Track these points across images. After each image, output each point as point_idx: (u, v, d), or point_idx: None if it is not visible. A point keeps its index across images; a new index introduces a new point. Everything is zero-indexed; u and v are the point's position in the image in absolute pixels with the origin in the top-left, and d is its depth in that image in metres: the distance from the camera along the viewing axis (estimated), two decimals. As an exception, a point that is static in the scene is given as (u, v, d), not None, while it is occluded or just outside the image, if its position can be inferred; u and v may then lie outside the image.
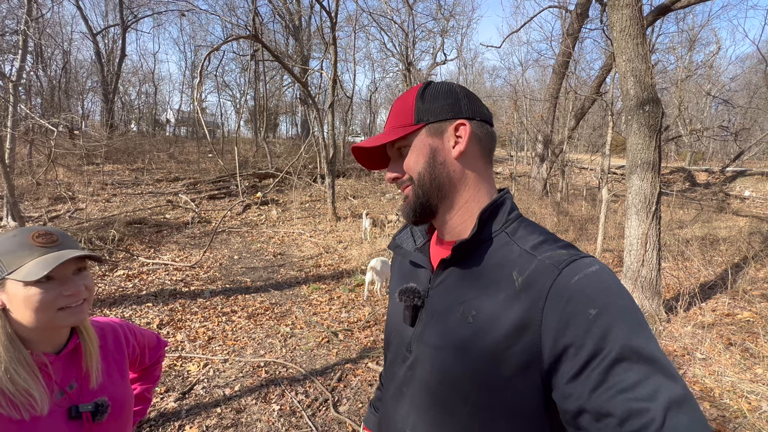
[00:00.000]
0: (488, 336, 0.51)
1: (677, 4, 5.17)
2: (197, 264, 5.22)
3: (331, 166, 8.36)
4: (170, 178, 10.83)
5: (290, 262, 5.65)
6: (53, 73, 16.39)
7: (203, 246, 5.96)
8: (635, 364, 0.42)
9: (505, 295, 0.52)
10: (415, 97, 0.61)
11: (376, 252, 5.92)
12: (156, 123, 22.64)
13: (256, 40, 6.48)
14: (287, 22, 17.28)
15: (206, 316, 3.70)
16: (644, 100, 3.33)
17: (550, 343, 0.47)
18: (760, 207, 11.39)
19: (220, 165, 11.23)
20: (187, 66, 22.36)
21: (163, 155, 13.65)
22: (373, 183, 13.33)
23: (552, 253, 0.51)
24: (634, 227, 3.48)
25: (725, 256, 5.96)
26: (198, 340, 3.22)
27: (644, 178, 3.39)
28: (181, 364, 2.85)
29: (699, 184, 14.48)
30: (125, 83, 20.54)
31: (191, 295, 4.20)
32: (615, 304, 0.46)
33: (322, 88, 16.31)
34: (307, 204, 9.80)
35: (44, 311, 0.66)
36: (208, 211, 8.48)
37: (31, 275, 0.63)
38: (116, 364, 0.82)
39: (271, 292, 4.45)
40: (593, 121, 15.41)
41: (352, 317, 3.85)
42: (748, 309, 3.95)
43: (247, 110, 18.45)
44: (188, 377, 2.69)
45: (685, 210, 10.23)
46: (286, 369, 2.85)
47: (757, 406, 2.42)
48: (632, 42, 3.34)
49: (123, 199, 8.72)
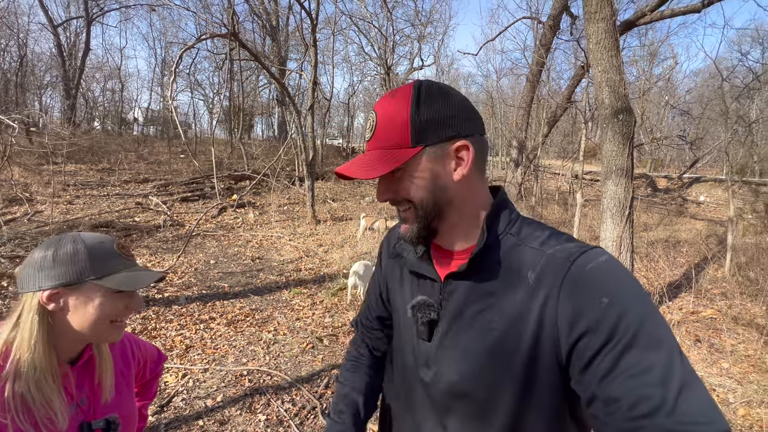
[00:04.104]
0: (513, 339, 0.51)
1: (641, 20, 5.49)
2: (171, 269, 4.99)
3: (310, 169, 8.25)
4: (139, 179, 10.33)
5: (270, 266, 5.51)
6: (7, 66, 15.31)
7: (177, 250, 5.71)
8: (647, 350, 0.43)
9: (521, 294, 0.52)
10: (410, 109, 0.53)
11: (358, 255, 5.88)
12: (123, 121, 21.57)
13: (235, 38, 6.32)
14: (264, 22, 16.99)
15: (183, 323, 3.54)
16: (618, 110, 3.50)
17: (565, 333, 0.47)
18: (713, 211, 12.23)
19: (195, 166, 10.83)
20: (157, 63, 21.40)
21: (131, 155, 13.01)
22: (352, 186, 13.27)
23: (561, 246, 0.52)
24: (609, 230, 3.63)
25: (687, 257, 6.35)
26: (175, 350, 3.06)
27: (618, 183, 3.55)
28: (158, 375, 2.70)
29: (660, 189, 15.37)
30: (89, 79, 19.44)
31: (165, 302, 4.01)
32: (625, 292, 0.46)
33: (300, 89, 16.12)
34: (286, 207, 9.62)
35: (104, 321, 0.66)
36: (181, 214, 8.15)
37: (125, 285, 0.66)
38: (124, 378, 0.77)
39: (251, 297, 4.32)
40: (563, 128, 16.08)
41: (336, 322, 3.79)
42: (711, 307, 4.22)
43: (222, 110, 17.92)
44: (166, 389, 2.55)
45: (649, 214, 10.82)
46: (270, 377, 2.76)
47: (725, 398, 2.57)
48: (607, 54, 3.50)
49: (87, 201, 8.22)
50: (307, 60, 9.16)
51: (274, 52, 16.56)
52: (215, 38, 8.35)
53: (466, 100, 0.57)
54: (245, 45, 7.07)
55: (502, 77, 16.90)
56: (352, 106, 22.70)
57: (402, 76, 16.91)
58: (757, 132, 13.38)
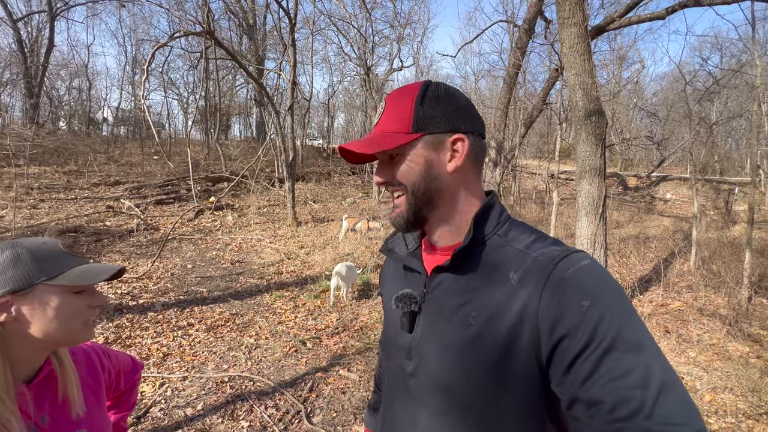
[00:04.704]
0: (490, 335, 0.52)
1: (610, 25, 5.72)
2: (145, 275, 4.82)
3: (290, 170, 8.14)
4: (110, 181, 9.90)
5: (250, 269, 5.40)
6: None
7: (152, 255, 5.52)
8: (626, 353, 0.43)
9: (502, 293, 0.53)
10: (414, 101, 0.57)
11: (340, 257, 5.85)
12: (91, 121, 20.61)
13: (210, 36, 6.16)
14: (240, 20, 16.64)
15: (159, 330, 3.42)
16: (591, 112, 3.63)
17: (546, 335, 0.48)
18: (679, 208, 12.87)
19: (169, 167, 10.48)
20: (127, 61, 20.51)
21: (100, 156, 12.47)
22: (333, 187, 13.19)
23: (545, 249, 0.53)
24: (584, 228, 3.76)
25: (656, 252, 6.66)
26: (152, 358, 2.96)
27: (592, 182, 3.68)
28: (133, 385, 2.60)
29: (630, 187, 16.04)
30: (53, 77, 18.48)
31: (140, 309, 3.86)
32: (606, 295, 0.47)
33: (279, 89, 15.87)
34: (266, 209, 9.46)
35: (72, 321, 0.63)
36: (155, 217, 7.87)
37: (81, 280, 0.63)
38: (92, 392, 0.73)
39: (231, 302, 4.22)
40: (539, 129, 16.53)
41: (319, 324, 3.76)
42: (678, 299, 4.44)
43: (197, 110, 17.42)
44: (142, 399, 2.46)
45: (620, 211, 11.27)
46: (252, 382, 2.71)
47: (693, 386, 2.71)
48: (580, 58, 3.63)
49: (53, 206, 7.81)
50: (286, 60, 9.02)
51: (252, 51, 16.25)
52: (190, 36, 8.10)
53: (470, 103, 0.61)
54: (221, 43, 6.89)
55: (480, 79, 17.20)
56: (332, 106, 22.55)
57: (382, 77, 16.95)
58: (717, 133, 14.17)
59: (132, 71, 20.05)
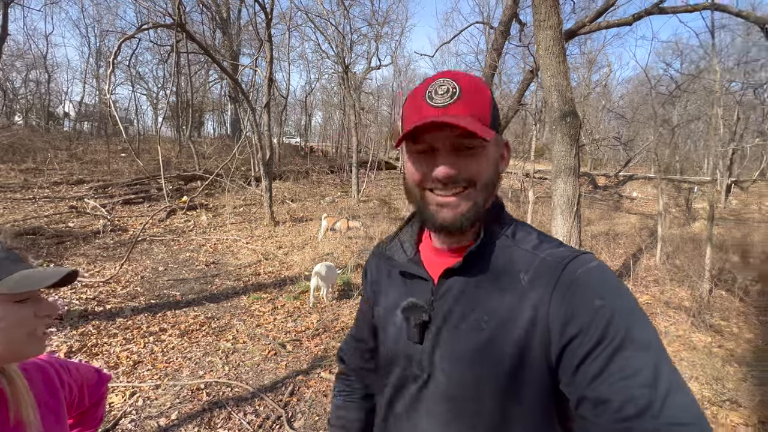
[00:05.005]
0: (503, 339, 0.52)
1: (581, 30, 5.93)
2: (113, 278, 4.57)
3: (267, 168, 7.96)
4: (72, 180, 9.35)
5: (226, 271, 5.24)
6: None
7: (120, 257, 5.25)
8: (636, 352, 0.43)
9: (513, 295, 0.53)
10: (491, 99, 0.55)
11: (319, 257, 5.77)
12: (50, 116, 19.39)
13: (182, 29, 5.91)
14: (213, 14, 16.12)
15: (129, 337, 3.25)
16: (566, 113, 3.73)
17: (557, 335, 0.48)
18: (644, 206, 13.54)
19: (138, 166, 10.01)
20: (90, 53, 19.35)
21: (62, 154, 11.76)
22: (312, 186, 13.01)
23: (553, 250, 0.54)
24: (560, 226, 3.86)
25: (625, 248, 6.95)
26: (121, 366, 2.80)
27: (567, 181, 3.78)
28: (101, 396, 2.45)
29: (600, 186, 16.71)
30: (7, 68, 17.24)
31: (108, 314, 3.66)
32: (615, 295, 0.48)
33: (255, 86, 15.48)
34: (242, 208, 9.21)
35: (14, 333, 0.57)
36: (123, 217, 7.50)
37: (21, 286, 0.56)
38: (50, 411, 0.66)
39: (206, 305, 4.07)
40: (514, 129, 16.93)
41: (299, 326, 3.69)
42: (646, 293, 4.65)
43: (168, 106, 16.72)
44: (111, 411, 2.32)
45: (591, 209, 11.72)
46: (230, 388, 2.62)
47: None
48: (555, 60, 3.72)
49: (9, 206, 7.30)
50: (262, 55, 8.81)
51: (226, 46, 15.77)
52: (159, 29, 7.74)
53: None
54: (194, 37, 6.63)
55: (458, 79, 17.38)
56: (310, 104, 22.26)
57: (360, 75, 16.85)
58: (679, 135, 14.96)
59: (96, 64, 18.99)
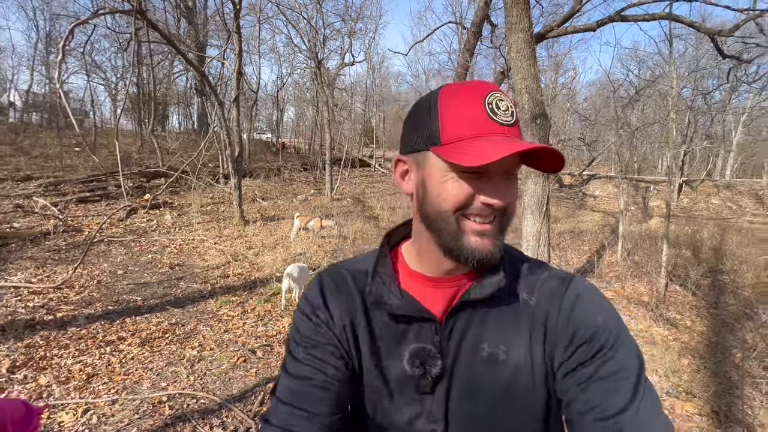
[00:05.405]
0: (527, 371, 0.52)
1: (549, 33, 6.11)
2: (65, 283, 4.24)
3: (236, 165, 7.67)
4: (18, 176, 8.62)
5: (192, 273, 5.00)
6: None
7: (73, 260, 4.88)
8: (622, 361, 0.48)
9: (525, 318, 0.53)
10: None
11: (291, 257, 5.62)
12: (-7, 106, 17.78)
13: (141, 16, 5.55)
14: (178, 2, 15.33)
15: (82, 348, 3.02)
16: (536, 114, 3.81)
17: (561, 350, 0.51)
18: (606, 204, 14.25)
19: (94, 161, 9.37)
20: (39, 38, 17.90)
21: (5, 148, 10.81)
22: (283, 184, 12.71)
23: (550, 273, 0.57)
24: (530, 225, 3.96)
25: (589, 245, 7.26)
26: (72, 381, 2.59)
27: (537, 182, 3.88)
28: (48, 415, 2.25)
29: (565, 185, 17.41)
30: (-59, 51, 15.65)
31: (58, 323, 3.38)
32: (610, 311, 0.53)
33: (223, 79, 14.88)
34: (209, 207, 8.84)
35: None
36: (77, 217, 6.99)
37: None
38: None
39: (170, 310, 3.86)
40: (486, 129, 17.28)
41: (270, 330, 3.57)
42: (609, 289, 4.86)
43: (128, 98, 15.74)
44: (60, 431, 2.13)
45: (557, 207, 12.17)
46: (195, 400, 2.48)
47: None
48: (526, 62, 3.79)
49: (-58, 204, 6.62)
50: (230, 48, 8.47)
51: (191, 37, 15.04)
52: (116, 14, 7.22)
53: None
54: (155, 25, 6.25)
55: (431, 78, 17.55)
56: (282, 99, 21.70)
57: (333, 71, 16.60)
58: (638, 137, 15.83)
59: (46, 50, 17.56)
